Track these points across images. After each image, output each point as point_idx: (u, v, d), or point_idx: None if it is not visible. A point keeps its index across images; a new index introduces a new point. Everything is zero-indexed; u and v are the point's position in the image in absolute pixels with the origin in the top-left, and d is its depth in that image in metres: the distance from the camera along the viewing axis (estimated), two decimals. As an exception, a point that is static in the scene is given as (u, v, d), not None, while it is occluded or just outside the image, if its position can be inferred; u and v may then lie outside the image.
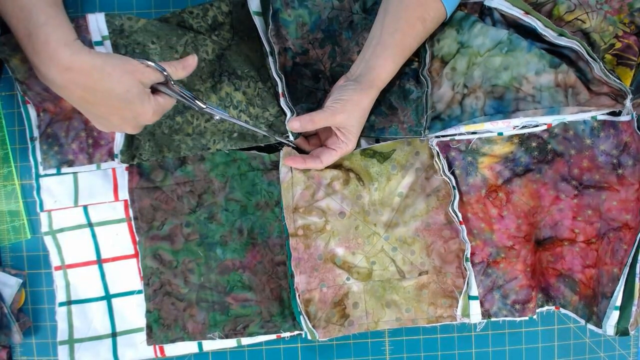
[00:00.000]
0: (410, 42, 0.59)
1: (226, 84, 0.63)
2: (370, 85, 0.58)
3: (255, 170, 0.64)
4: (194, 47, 0.62)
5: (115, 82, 0.49)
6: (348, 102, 0.57)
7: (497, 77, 0.62)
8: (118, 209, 0.65)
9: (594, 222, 0.63)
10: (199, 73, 0.62)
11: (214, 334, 0.64)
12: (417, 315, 0.65)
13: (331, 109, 0.57)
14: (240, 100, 0.63)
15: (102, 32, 0.61)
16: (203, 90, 0.62)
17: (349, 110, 0.57)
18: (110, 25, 0.61)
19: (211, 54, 0.63)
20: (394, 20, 0.58)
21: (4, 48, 0.60)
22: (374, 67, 0.58)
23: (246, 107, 0.63)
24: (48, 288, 0.66)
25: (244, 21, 0.64)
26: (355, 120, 0.58)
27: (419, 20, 0.58)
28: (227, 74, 0.63)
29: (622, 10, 0.62)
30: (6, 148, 0.66)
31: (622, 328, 0.59)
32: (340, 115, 0.57)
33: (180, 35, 0.62)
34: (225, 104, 0.63)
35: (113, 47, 0.61)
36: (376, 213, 0.65)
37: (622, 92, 0.60)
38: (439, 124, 0.63)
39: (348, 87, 0.58)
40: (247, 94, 0.63)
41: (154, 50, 0.62)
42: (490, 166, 0.64)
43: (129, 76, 0.50)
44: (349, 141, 0.59)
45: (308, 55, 0.65)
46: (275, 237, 0.65)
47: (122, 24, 0.62)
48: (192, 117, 0.63)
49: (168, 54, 0.61)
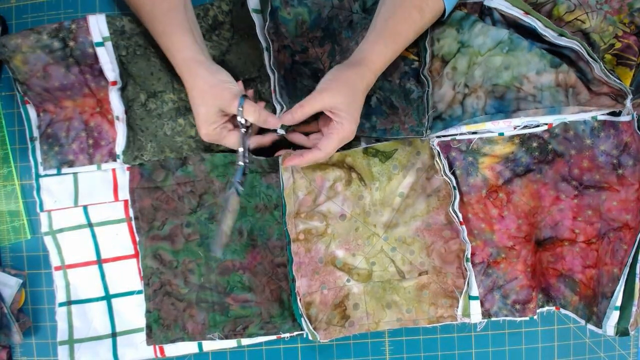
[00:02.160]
0: (404, 29, 0.58)
1: None
2: (358, 63, 0.56)
3: (253, 173, 0.64)
4: None
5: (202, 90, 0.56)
6: (333, 81, 0.56)
7: (498, 77, 0.62)
8: (118, 209, 0.65)
9: (594, 222, 0.63)
10: None
11: (213, 334, 0.64)
12: (418, 315, 0.65)
13: (317, 90, 0.56)
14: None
15: (102, 33, 0.61)
16: None
17: (335, 88, 0.55)
18: (112, 26, 0.61)
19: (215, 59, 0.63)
20: (390, 7, 0.58)
21: (5, 49, 0.60)
22: (363, 50, 0.57)
23: None
24: (48, 288, 0.66)
25: (244, 19, 0.64)
26: (343, 97, 0.55)
27: (416, 8, 0.57)
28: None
29: (622, 10, 0.62)
30: (6, 148, 0.66)
31: (622, 328, 0.59)
32: (325, 94, 0.55)
33: None
34: None
35: (114, 48, 0.61)
36: (376, 213, 0.65)
37: (622, 92, 0.60)
38: (440, 123, 0.63)
39: (335, 68, 0.57)
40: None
41: (155, 53, 0.62)
42: (491, 166, 0.64)
43: (211, 95, 0.56)
44: (343, 120, 0.55)
45: (307, 53, 0.65)
46: (275, 239, 0.65)
47: (124, 25, 0.62)
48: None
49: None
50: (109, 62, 0.62)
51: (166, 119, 0.62)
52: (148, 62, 0.62)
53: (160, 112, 0.63)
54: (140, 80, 0.62)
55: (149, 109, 0.62)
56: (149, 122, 0.63)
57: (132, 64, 0.62)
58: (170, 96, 0.63)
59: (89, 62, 0.62)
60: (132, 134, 0.63)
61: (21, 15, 0.66)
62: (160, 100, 0.63)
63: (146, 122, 0.63)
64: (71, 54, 0.61)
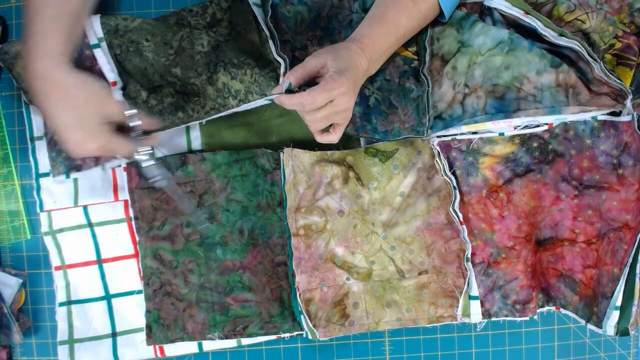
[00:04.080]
0: (396, 15, 0.58)
1: (222, 74, 0.62)
2: (350, 40, 0.56)
3: (258, 170, 0.64)
4: (189, 42, 0.62)
5: (74, 104, 0.53)
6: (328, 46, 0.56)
7: (498, 77, 0.62)
8: (118, 209, 0.65)
9: (594, 222, 0.63)
10: (194, 66, 0.62)
11: (213, 334, 0.64)
12: (417, 315, 0.65)
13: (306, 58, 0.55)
14: (239, 90, 0.62)
15: (97, 35, 0.61)
16: (199, 84, 0.62)
17: (323, 51, 0.54)
18: (105, 26, 0.61)
19: (207, 46, 0.62)
20: None
21: (7, 56, 0.60)
22: (352, 34, 0.58)
23: (245, 95, 0.62)
24: (48, 288, 0.66)
25: (243, 15, 0.63)
26: (331, 55, 0.53)
27: None
28: (222, 63, 0.62)
29: (622, 10, 0.62)
30: (6, 148, 0.66)
31: (622, 328, 0.60)
32: (312, 57, 0.53)
33: (175, 32, 0.62)
34: (224, 94, 0.62)
35: (109, 48, 0.61)
36: (375, 212, 0.65)
37: (622, 92, 0.60)
38: (440, 123, 0.63)
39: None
40: (244, 82, 0.62)
41: (147, 47, 0.61)
42: (491, 166, 0.64)
43: (91, 105, 0.53)
44: (332, 73, 0.52)
45: (307, 51, 0.65)
46: (276, 237, 0.65)
47: (117, 24, 0.61)
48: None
49: (162, 50, 0.61)
50: (107, 63, 0.61)
51: (166, 114, 0.62)
52: (141, 57, 0.62)
53: (161, 108, 0.62)
54: (138, 77, 0.62)
55: (151, 105, 0.62)
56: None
57: (127, 62, 0.62)
58: (168, 89, 0.63)
59: (88, 65, 0.62)
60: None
61: (21, 15, 0.66)
62: (161, 94, 0.62)
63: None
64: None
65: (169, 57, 0.62)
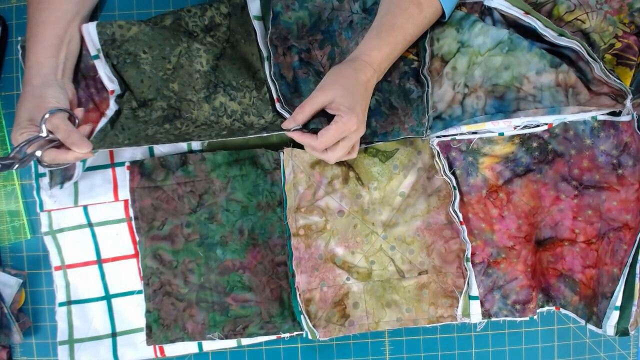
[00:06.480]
0: (402, 23, 0.58)
1: (221, 95, 0.63)
2: (353, 59, 0.57)
3: (258, 170, 0.64)
4: (187, 58, 0.62)
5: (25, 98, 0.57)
6: (327, 77, 0.56)
7: (497, 77, 0.62)
8: (118, 209, 0.65)
9: (594, 222, 0.63)
10: (192, 84, 0.62)
11: (213, 334, 0.64)
12: (417, 315, 0.65)
13: (315, 89, 0.56)
14: (235, 110, 0.63)
15: (96, 45, 0.61)
16: (195, 100, 0.62)
17: (330, 83, 0.55)
18: (102, 36, 0.61)
19: (206, 65, 0.63)
20: (387, 4, 0.59)
21: None
22: (360, 46, 0.58)
23: (241, 116, 0.63)
24: (48, 288, 0.66)
25: (243, 24, 0.64)
26: (339, 91, 0.54)
27: (413, 3, 0.58)
28: (222, 85, 0.63)
29: (622, 10, 0.62)
30: (6, 148, 0.66)
31: (622, 328, 0.60)
32: (322, 91, 0.55)
33: (173, 46, 0.62)
34: (218, 113, 0.63)
35: (106, 58, 0.61)
36: (375, 212, 0.65)
37: (622, 92, 0.60)
38: (440, 123, 0.63)
39: (333, 68, 0.58)
40: (242, 104, 0.63)
41: (145, 60, 0.61)
42: (491, 166, 0.64)
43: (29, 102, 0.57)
44: (342, 113, 0.54)
45: (310, 54, 0.65)
46: (276, 237, 0.65)
47: (114, 32, 0.61)
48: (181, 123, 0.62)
49: (160, 64, 0.62)
50: (105, 75, 0.62)
51: (152, 124, 0.61)
52: (138, 69, 0.62)
53: (147, 119, 0.62)
54: (133, 88, 0.62)
55: (137, 115, 0.62)
56: (133, 124, 0.61)
57: (123, 73, 0.62)
58: (160, 104, 0.62)
59: (91, 74, 0.63)
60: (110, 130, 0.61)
61: (21, 15, 0.66)
62: (150, 108, 0.62)
63: (130, 123, 0.61)
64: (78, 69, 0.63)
65: (167, 72, 0.62)
